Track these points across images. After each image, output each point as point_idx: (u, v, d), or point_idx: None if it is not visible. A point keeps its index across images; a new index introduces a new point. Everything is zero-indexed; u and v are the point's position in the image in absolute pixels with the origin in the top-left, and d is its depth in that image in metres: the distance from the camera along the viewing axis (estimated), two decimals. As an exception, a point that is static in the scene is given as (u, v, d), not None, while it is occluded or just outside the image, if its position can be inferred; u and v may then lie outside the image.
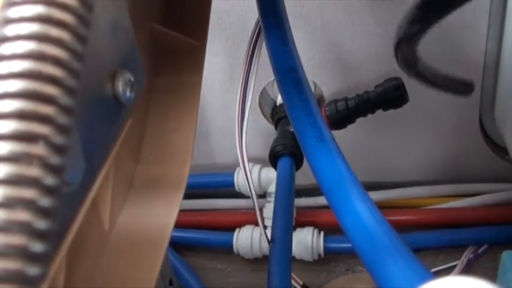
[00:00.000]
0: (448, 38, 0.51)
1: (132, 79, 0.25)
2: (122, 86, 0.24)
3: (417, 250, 0.55)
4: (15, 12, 0.13)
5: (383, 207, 0.57)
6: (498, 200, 0.59)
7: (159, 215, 0.29)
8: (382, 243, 0.23)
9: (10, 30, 0.13)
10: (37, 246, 0.11)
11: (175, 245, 0.61)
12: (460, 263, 0.54)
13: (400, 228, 0.55)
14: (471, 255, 0.54)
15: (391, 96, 0.46)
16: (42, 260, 0.11)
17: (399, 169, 0.62)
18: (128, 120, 0.26)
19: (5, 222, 0.11)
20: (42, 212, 0.11)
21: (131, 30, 0.26)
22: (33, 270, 0.11)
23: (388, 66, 0.53)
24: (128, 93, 0.24)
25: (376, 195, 0.60)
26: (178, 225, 0.29)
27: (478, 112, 0.56)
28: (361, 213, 0.25)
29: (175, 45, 0.34)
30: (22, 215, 0.11)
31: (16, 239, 0.11)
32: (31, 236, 0.11)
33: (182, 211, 0.29)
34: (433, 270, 0.54)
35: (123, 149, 0.27)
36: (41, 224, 0.11)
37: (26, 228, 0.11)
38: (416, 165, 0.62)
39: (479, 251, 0.55)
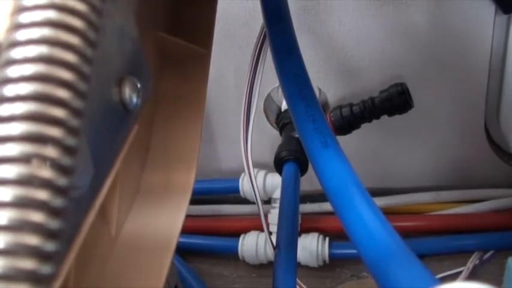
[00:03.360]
0: (453, 45, 0.51)
1: (138, 86, 0.25)
2: (129, 93, 0.24)
3: (422, 256, 0.55)
4: (26, 17, 0.13)
5: (388, 213, 0.57)
6: (504, 205, 0.59)
7: (166, 221, 0.29)
8: (388, 249, 0.23)
9: (21, 34, 0.13)
10: (49, 246, 0.11)
11: (181, 250, 0.60)
12: (466, 269, 0.54)
13: (406, 234, 0.55)
14: (477, 261, 0.54)
15: (396, 101, 0.46)
16: (54, 259, 0.11)
17: (404, 175, 0.62)
18: (135, 126, 0.26)
19: (18, 221, 0.11)
20: (54, 212, 0.12)
21: (137, 37, 0.26)
22: (45, 269, 0.11)
23: (393, 72, 0.54)
24: (134, 100, 0.24)
25: (381, 201, 0.60)
26: (183, 231, 0.29)
27: (484, 117, 0.56)
28: (366, 219, 0.25)
29: (180, 52, 0.34)
30: (34, 215, 0.11)
31: (28, 239, 0.11)
32: (43, 235, 0.11)
33: (187, 217, 0.29)
34: (439, 276, 0.54)
35: (129, 155, 0.28)
36: (53, 224, 0.11)
37: (38, 228, 0.11)
38: (421, 171, 0.62)
39: (485, 257, 0.54)
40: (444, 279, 0.54)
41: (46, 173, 0.12)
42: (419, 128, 0.58)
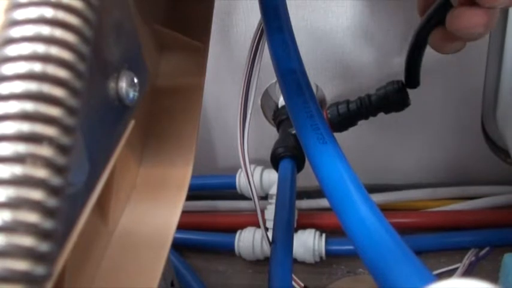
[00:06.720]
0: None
1: (135, 80, 0.25)
2: (126, 87, 0.24)
3: (419, 253, 0.55)
4: (20, 14, 0.13)
5: (385, 209, 0.56)
6: (500, 202, 0.59)
7: (162, 216, 0.29)
8: (385, 245, 0.23)
9: (16, 32, 0.13)
10: (43, 247, 0.11)
11: (177, 246, 0.60)
12: (462, 265, 0.54)
13: (402, 230, 0.55)
14: (473, 258, 0.54)
15: (392, 99, 0.46)
16: (48, 259, 0.11)
17: (401, 172, 0.62)
18: (131, 121, 0.26)
19: (12, 222, 0.11)
20: (48, 213, 0.11)
21: (135, 31, 0.26)
22: (39, 270, 0.11)
23: (390, 69, 0.53)
24: (131, 94, 0.24)
25: (377, 198, 0.60)
26: (180, 227, 0.29)
27: (480, 114, 0.56)
28: (363, 215, 0.25)
29: (178, 46, 0.34)
30: (29, 216, 0.11)
31: (22, 240, 0.11)
32: (38, 236, 0.11)
33: (184, 212, 0.29)
34: (435, 272, 0.54)
35: (126, 150, 0.28)
36: (47, 224, 0.11)
37: (32, 229, 0.11)
38: (417, 168, 0.62)
39: (481, 253, 0.55)
40: (440, 276, 0.54)
41: (40, 172, 0.12)
42: (416, 125, 0.58)
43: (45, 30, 0.13)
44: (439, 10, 0.35)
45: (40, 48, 0.12)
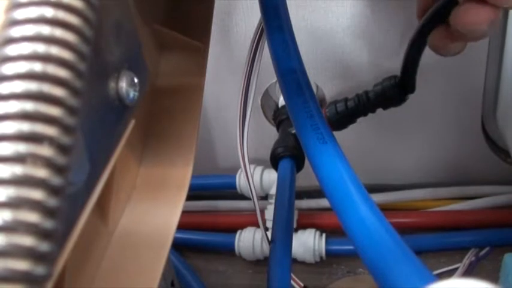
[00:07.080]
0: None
1: (136, 80, 0.25)
2: (126, 87, 0.24)
3: (419, 252, 0.55)
4: (20, 13, 0.13)
5: (385, 209, 0.56)
6: (500, 202, 0.59)
7: (162, 216, 0.29)
8: (385, 245, 0.23)
9: (16, 31, 0.13)
10: (43, 247, 0.11)
11: (177, 246, 0.60)
12: (462, 265, 0.54)
13: (402, 230, 0.55)
14: (473, 258, 0.54)
15: (390, 94, 0.46)
16: (48, 259, 0.11)
17: (401, 171, 0.62)
18: (131, 121, 0.26)
19: (12, 222, 0.11)
20: (49, 212, 0.11)
21: (135, 31, 0.26)
22: (39, 270, 0.11)
23: (389, 69, 0.53)
24: (131, 94, 0.24)
25: (378, 198, 0.60)
26: (180, 227, 0.29)
27: (480, 114, 0.56)
28: (363, 215, 0.25)
29: (178, 46, 0.34)
30: (29, 216, 0.11)
31: (23, 239, 0.11)
32: (38, 236, 0.11)
33: (184, 212, 0.29)
34: (435, 272, 0.54)
35: (126, 150, 0.28)
36: (47, 224, 0.11)
37: (32, 229, 0.11)
38: (418, 168, 0.62)
39: (481, 253, 0.55)
40: (441, 276, 0.54)
41: (41, 172, 0.12)
42: (416, 125, 0.58)
43: (46, 29, 0.12)
44: (443, 8, 0.35)
45: (40, 48, 0.12)
